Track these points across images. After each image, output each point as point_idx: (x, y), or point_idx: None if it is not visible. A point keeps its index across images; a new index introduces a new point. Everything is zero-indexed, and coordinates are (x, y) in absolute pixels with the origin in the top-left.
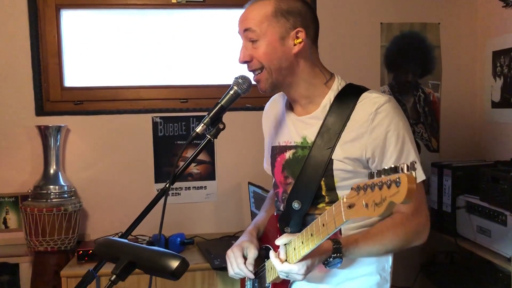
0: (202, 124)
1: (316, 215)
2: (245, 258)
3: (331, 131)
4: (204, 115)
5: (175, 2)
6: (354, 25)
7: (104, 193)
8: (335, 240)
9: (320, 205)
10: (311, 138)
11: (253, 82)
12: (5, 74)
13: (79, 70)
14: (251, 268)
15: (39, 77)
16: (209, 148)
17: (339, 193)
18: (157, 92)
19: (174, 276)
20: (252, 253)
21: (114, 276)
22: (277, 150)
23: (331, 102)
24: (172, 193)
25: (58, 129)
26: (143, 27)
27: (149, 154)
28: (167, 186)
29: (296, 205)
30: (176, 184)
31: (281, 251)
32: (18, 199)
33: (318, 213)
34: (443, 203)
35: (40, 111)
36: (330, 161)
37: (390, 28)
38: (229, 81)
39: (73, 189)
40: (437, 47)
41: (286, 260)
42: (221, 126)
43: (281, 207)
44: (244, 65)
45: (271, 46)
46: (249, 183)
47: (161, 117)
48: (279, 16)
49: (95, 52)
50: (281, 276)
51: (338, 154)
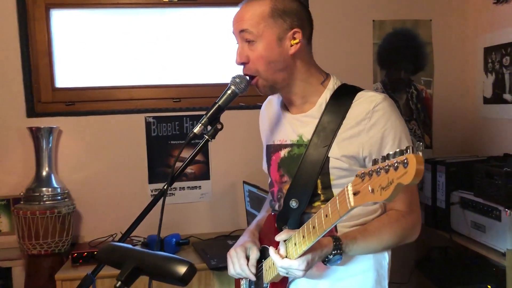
0: (200, 124)
1: (312, 214)
2: (247, 258)
3: (327, 129)
4: (197, 115)
5: (167, 1)
6: (346, 22)
7: (97, 195)
8: (335, 237)
9: (316, 204)
10: (307, 136)
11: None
12: None
13: (70, 71)
14: (254, 270)
15: (29, 78)
16: (203, 148)
17: (335, 191)
18: (150, 92)
19: (183, 282)
20: (255, 255)
21: (119, 283)
22: (272, 149)
23: (327, 100)
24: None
25: (50, 130)
26: (134, 27)
27: (143, 154)
28: (165, 187)
29: (293, 203)
30: None
31: (281, 247)
32: (10, 202)
33: (314, 211)
34: (437, 199)
35: (31, 112)
36: (327, 159)
37: (383, 25)
38: (223, 80)
39: (66, 191)
40: (429, 44)
41: (286, 257)
42: (219, 126)
43: (276, 207)
44: (240, 66)
45: (269, 47)
46: (244, 182)
47: (154, 117)
48: (276, 16)
49: (86, 52)
50: (281, 273)
51: (334, 152)
